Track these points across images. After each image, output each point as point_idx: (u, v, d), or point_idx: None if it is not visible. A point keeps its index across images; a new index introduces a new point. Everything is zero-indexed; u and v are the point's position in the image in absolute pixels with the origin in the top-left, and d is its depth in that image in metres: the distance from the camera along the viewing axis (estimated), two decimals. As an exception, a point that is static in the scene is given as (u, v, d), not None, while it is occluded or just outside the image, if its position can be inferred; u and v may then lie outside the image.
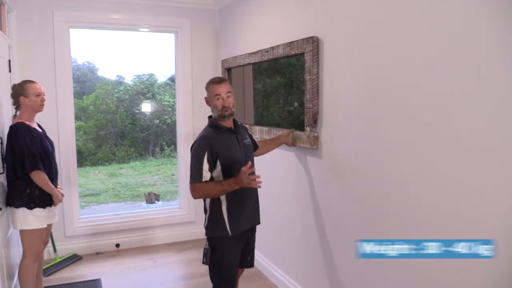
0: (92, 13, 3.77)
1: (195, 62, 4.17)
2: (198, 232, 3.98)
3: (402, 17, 1.89)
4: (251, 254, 2.42)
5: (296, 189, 2.89)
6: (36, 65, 3.55)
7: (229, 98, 2.15)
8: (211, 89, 2.16)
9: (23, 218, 2.52)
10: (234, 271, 2.22)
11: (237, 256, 2.25)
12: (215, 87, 2.15)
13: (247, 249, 2.36)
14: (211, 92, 2.16)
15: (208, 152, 2.08)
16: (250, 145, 2.33)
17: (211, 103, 2.18)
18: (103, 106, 11.70)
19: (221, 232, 2.17)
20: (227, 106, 2.13)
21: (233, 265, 2.21)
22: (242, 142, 2.23)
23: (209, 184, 2.09)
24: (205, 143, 2.10)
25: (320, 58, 2.48)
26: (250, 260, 2.41)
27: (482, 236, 1.55)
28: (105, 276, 3.43)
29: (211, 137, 2.14)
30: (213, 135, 2.15)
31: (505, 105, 1.45)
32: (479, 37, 1.53)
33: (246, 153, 2.24)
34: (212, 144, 2.10)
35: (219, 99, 2.13)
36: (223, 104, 2.12)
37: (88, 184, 8.98)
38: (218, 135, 2.15)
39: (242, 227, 2.22)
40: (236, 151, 2.17)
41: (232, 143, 2.19)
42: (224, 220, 2.16)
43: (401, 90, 1.91)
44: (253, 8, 3.41)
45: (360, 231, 2.23)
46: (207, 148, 2.09)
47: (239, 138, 2.23)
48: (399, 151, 1.94)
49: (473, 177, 1.58)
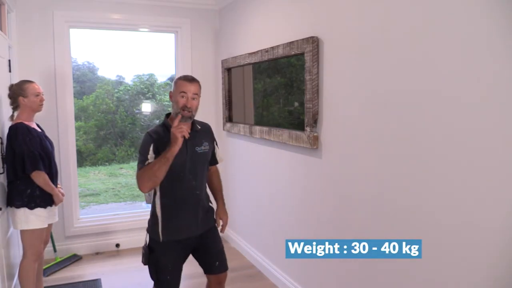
0: (92, 13, 3.77)
1: (195, 62, 4.17)
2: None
3: (402, 17, 1.89)
4: (219, 259, 2.23)
5: (296, 189, 2.89)
6: (36, 65, 3.56)
7: (193, 100, 2.03)
8: (179, 84, 2.03)
9: (24, 218, 2.52)
10: (170, 275, 2.10)
11: (176, 261, 2.13)
12: (184, 83, 2.02)
13: (210, 254, 2.22)
14: (178, 87, 2.03)
15: (153, 147, 1.99)
16: (204, 153, 2.15)
17: (174, 98, 2.05)
18: (103, 106, 11.69)
19: (155, 234, 2.09)
20: (188, 107, 2.00)
21: (168, 270, 2.10)
22: (191, 148, 2.08)
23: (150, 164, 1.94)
24: (149, 139, 2.02)
25: (320, 58, 2.48)
26: (220, 265, 2.22)
27: (483, 236, 1.55)
28: (105, 276, 3.43)
29: (157, 135, 2.04)
30: (160, 134, 2.04)
31: (506, 105, 1.45)
32: (480, 37, 1.53)
33: (192, 160, 2.09)
34: (156, 142, 2.00)
35: (183, 97, 2.00)
36: (185, 103, 1.99)
37: (88, 184, 8.98)
38: (165, 135, 2.01)
39: (178, 235, 2.09)
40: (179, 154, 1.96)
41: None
42: (158, 224, 2.08)
43: (401, 90, 1.91)
44: (253, 8, 3.41)
45: (360, 231, 2.23)
46: (151, 143, 2.00)
47: (189, 144, 2.06)
48: (399, 151, 1.94)
49: (473, 177, 1.58)
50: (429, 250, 1.76)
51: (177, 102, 2.02)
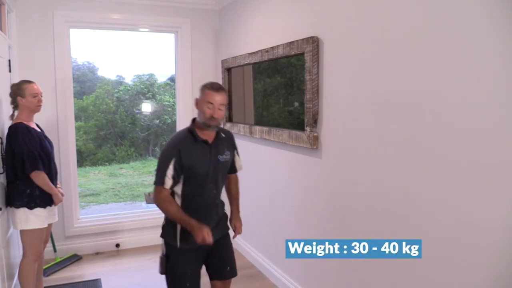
0: (92, 13, 3.77)
1: (195, 62, 4.17)
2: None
3: (402, 17, 1.89)
4: (230, 263, 2.24)
5: (296, 189, 2.89)
6: (36, 65, 3.55)
7: (220, 110, 2.01)
8: (206, 94, 2.01)
9: (24, 218, 2.52)
10: (190, 282, 2.07)
11: (194, 267, 2.11)
12: (211, 93, 2.00)
13: (221, 259, 2.22)
14: (205, 97, 2.01)
15: (176, 159, 1.99)
16: (225, 162, 2.17)
17: (200, 107, 2.04)
18: (103, 106, 11.69)
19: (172, 240, 2.08)
20: (215, 117, 2.00)
21: (187, 276, 2.07)
22: (215, 156, 2.09)
23: (173, 205, 2.01)
24: (175, 150, 2.01)
25: (320, 58, 2.48)
26: (231, 270, 2.23)
27: (483, 236, 1.55)
28: (105, 276, 3.43)
29: (183, 145, 2.03)
30: (185, 143, 2.04)
31: (506, 104, 1.45)
32: (480, 37, 1.53)
33: (216, 168, 2.10)
34: (181, 152, 2.00)
35: (210, 108, 1.99)
36: (212, 114, 1.99)
37: (88, 184, 8.98)
38: (191, 143, 2.04)
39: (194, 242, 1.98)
40: (204, 163, 2.04)
41: (202, 154, 2.06)
42: (176, 230, 2.06)
43: (401, 90, 1.91)
44: (253, 8, 3.41)
45: (360, 231, 2.23)
46: (175, 155, 1.99)
47: (213, 152, 2.09)
48: (399, 151, 1.94)
49: (473, 177, 1.58)
50: (429, 250, 1.76)
51: (204, 112, 2.01)
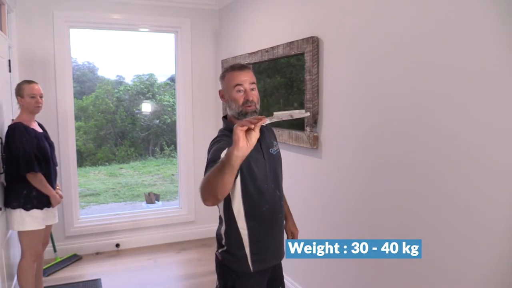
0: (92, 13, 3.77)
1: (195, 62, 4.17)
2: (198, 232, 3.92)
3: (402, 17, 1.89)
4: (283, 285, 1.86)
5: (295, 189, 2.89)
6: (36, 65, 3.56)
7: (253, 91, 1.60)
8: (230, 78, 1.60)
9: (20, 220, 2.50)
10: None
11: None
12: (235, 74, 1.59)
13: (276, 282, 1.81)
14: (230, 81, 1.59)
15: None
16: (278, 154, 1.75)
17: (228, 96, 1.61)
18: (103, 106, 11.70)
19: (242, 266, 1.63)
20: (250, 100, 1.58)
21: None
22: (267, 152, 1.67)
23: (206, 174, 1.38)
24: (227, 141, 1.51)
25: (320, 58, 2.48)
26: None
27: (483, 236, 1.55)
28: (105, 276, 3.43)
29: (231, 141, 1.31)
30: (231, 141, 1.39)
31: (506, 104, 1.45)
32: (480, 37, 1.53)
33: (271, 167, 1.66)
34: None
35: (240, 91, 1.58)
36: (245, 97, 1.57)
37: (88, 184, 8.98)
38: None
39: (268, 262, 1.67)
40: (258, 165, 1.60)
41: (254, 154, 1.53)
42: (244, 251, 1.62)
43: (401, 90, 1.91)
44: (253, 8, 3.41)
45: (360, 231, 2.23)
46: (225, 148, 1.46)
47: (263, 146, 1.65)
48: (399, 151, 1.94)
49: (473, 177, 1.58)
50: (429, 250, 1.76)
51: (235, 100, 1.59)
